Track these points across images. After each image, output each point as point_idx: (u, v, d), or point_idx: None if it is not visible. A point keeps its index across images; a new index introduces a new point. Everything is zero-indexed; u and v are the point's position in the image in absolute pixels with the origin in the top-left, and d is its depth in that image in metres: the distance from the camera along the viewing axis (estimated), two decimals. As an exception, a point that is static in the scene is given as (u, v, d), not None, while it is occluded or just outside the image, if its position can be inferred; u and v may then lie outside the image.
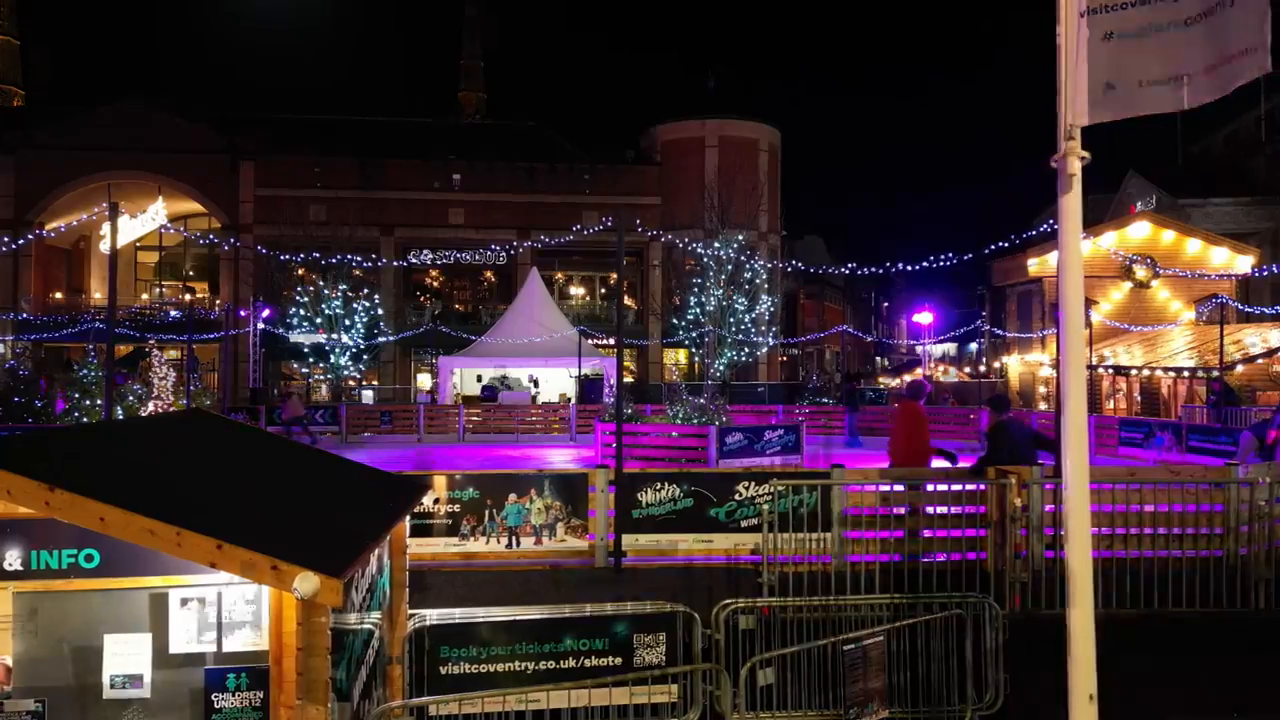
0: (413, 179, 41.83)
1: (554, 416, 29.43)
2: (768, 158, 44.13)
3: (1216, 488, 8.72)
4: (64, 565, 4.24)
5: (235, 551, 3.95)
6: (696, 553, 8.24)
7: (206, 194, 41.36)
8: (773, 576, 7.78)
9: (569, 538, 8.12)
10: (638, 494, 8.18)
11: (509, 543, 8.02)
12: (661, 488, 8.24)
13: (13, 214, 39.85)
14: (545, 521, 8.04)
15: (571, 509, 8.09)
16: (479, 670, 6.33)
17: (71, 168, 39.57)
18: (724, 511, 8.25)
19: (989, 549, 8.36)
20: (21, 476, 3.89)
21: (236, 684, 4.67)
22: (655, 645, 6.54)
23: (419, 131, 48.07)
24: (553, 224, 42.71)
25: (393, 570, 6.43)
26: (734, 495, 8.25)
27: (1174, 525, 8.53)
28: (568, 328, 30.87)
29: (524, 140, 46.27)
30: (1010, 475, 8.22)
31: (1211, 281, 30.59)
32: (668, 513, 8.21)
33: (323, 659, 4.17)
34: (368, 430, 28.27)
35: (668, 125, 43.67)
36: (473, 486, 8.03)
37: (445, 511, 7.97)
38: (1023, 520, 8.29)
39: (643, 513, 8.18)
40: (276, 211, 40.38)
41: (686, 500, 8.25)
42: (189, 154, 39.96)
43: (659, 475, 8.33)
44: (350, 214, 40.25)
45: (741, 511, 8.24)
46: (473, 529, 8.01)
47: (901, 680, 6.80)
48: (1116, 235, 30.76)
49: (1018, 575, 8.04)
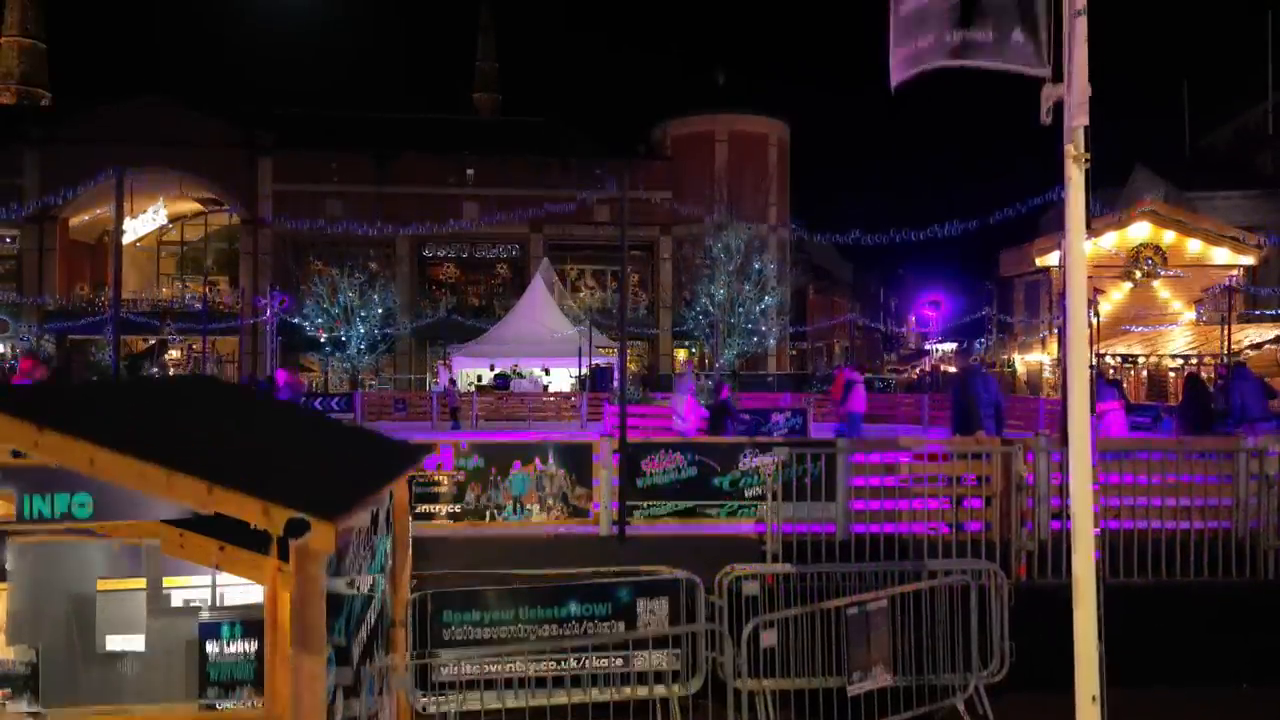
0: (427, 174, 42.04)
1: (565, 404, 29.55)
2: (777, 152, 44.18)
3: (1225, 458, 8.62)
4: (58, 515, 4.25)
5: (226, 495, 3.93)
6: (700, 521, 8.21)
7: (226, 188, 41.70)
8: (777, 545, 7.75)
9: (575, 506, 8.12)
10: (642, 463, 8.16)
11: (514, 510, 8.03)
12: (666, 456, 8.22)
13: (38, 208, 40.24)
14: (550, 490, 8.04)
15: (576, 477, 8.09)
16: (482, 635, 6.33)
17: (94, 162, 39.80)
18: (728, 481, 8.22)
19: (995, 518, 8.29)
20: (11, 417, 3.90)
21: (231, 634, 4.66)
22: (658, 611, 6.52)
23: (434, 127, 48.25)
24: (564, 218, 42.85)
25: (395, 531, 6.43)
26: (738, 464, 8.22)
27: (1182, 496, 8.44)
28: (569, 327, 30.91)
29: (536, 134, 46.34)
30: (1016, 444, 8.15)
31: (1214, 279, 30.40)
32: (672, 482, 8.20)
33: (317, 608, 4.15)
34: (382, 418, 28.45)
35: (678, 120, 43.84)
36: (478, 455, 8.04)
37: (450, 480, 7.98)
38: (1029, 490, 8.22)
39: (647, 481, 8.16)
40: (294, 206, 40.72)
41: (690, 470, 8.23)
42: (209, 149, 40.29)
43: (663, 444, 8.32)
44: (366, 209, 40.53)
45: (745, 481, 8.21)
46: (477, 497, 8.01)
47: (906, 647, 6.75)
48: (1117, 235, 30.53)
49: (1024, 544, 7.98)
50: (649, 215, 43.20)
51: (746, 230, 36.13)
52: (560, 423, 28.26)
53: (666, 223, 43.03)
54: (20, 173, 40.03)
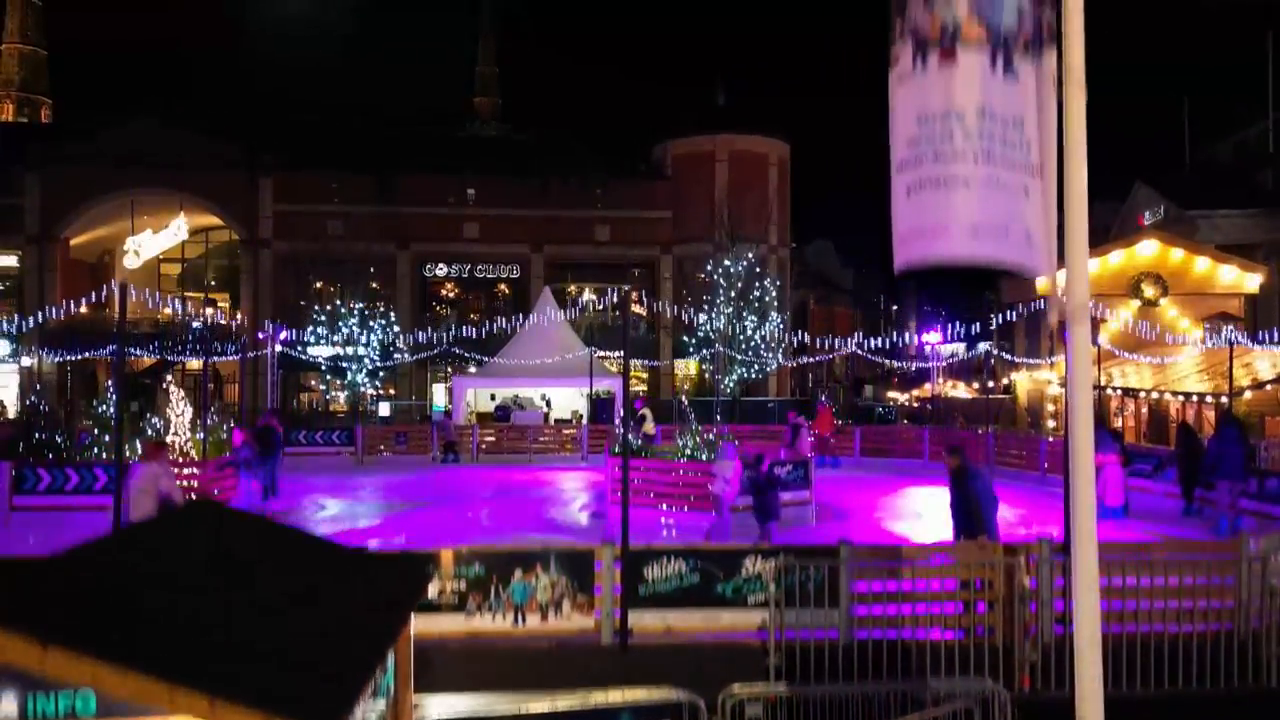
0: (429, 194, 42.10)
1: (565, 436, 29.59)
2: (777, 171, 44.22)
3: (1229, 558, 8.62)
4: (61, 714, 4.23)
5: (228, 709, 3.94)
6: (703, 629, 8.21)
7: (227, 209, 41.74)
8: (780, 656, 7.75)
9: (575, 614, 8.12)
10: (644, 569, 8.17)
11: (515, 619, 8.03)
12: (668, 563, 8.23)
13: (39, 229, 40.30)
14: (551, 598, 8.04)
15: (578, 585, 8.09)
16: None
17: (96, 183, 39.99)
18: (731, 588, 8.23)
19: (999, 623, 8.29)
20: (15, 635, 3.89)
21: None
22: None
23: (435, 143, 48.31)
24: (566, 237, 42.94)
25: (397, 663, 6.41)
26: (741, 571, 8.23)
27: (1184, 599, 8.44)
28: (580, 347, 30.92)
29: (538, 151, 46.35)
30: (1020, 552, 8.15)
31: (1220, 299, 30.43)
32: (674, 589, 8.20)
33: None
34: (384, 447, 28.45)
35: (678, 140, 43.93)
36: (479, 563, 8.04)
37: (451, 589, 7.99)
38: (1032, 596, 8.22)
39: (649, 589, 8.17)
40: (295, 226, 40.75)
41: (693, 576, 8.23)
42: (210, 170, 40.32)
43: (666, 551, 8.32)
44: (367, 228, 40.58)
45: (748, 587, 8.22)
46: (479, 606, 8.02)
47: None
48: (1125, 254, 30.64)
49: (1027, 655, 7.97)
50: (650, 235, 43.27)
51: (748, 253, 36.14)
52: (561, 455, 28.30)
53: (667, 242, 43.07)
54: (21, 193, 40.05)
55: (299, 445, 27.36)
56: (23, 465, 16.47)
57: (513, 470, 25.13)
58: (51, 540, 14.74)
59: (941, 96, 4.45)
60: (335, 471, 24.89)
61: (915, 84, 4.63)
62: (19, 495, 16.29)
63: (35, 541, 14.84)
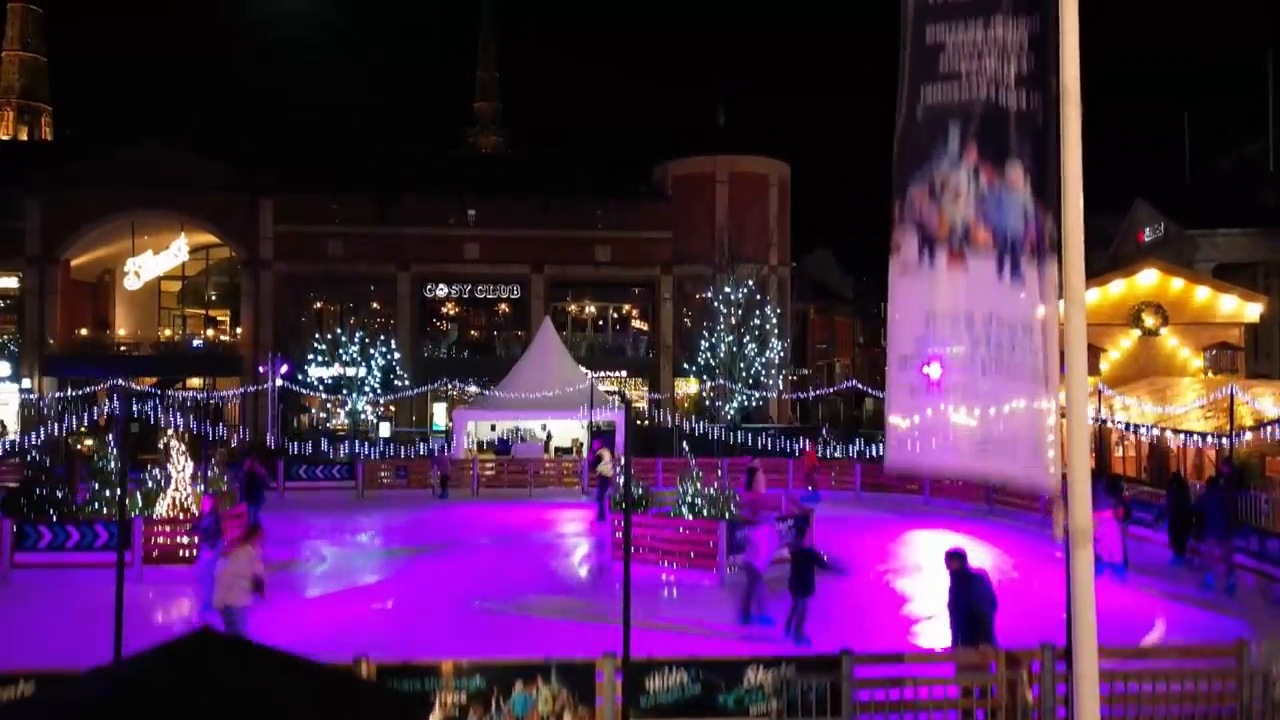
0: (429, 214, 42.10)
1: (565, 468, 29.65)
2: (778, 192, 44.24)
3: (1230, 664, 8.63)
4: None
5: None
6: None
7: (227, 230, 41.74)
8: (781, 773, 7.76)
9: (578, 727, 8.13)
10: (645, 680, 8.18)
11: (517, 733, 8.05)
12: (670, 674, 8.25)
13: (40, 250, 40.30)
14: (553, 710, 8.05)
15: (579, 696, 8.11)
16: None
17: (96, 205, 40.00)
18: (733, 698, 8.24)
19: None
20: None
21: None
22: None
23: (435, 163, 48.37)
24: (566, 258, 42.96)
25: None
26: (743, 682, 8.24)
27: (1187, 704, 8.46)
28: (580, 379, 30.89)
29: (538, 171, 46.38)
30: (1023, 665, 8.17)
31: (1220, 328, 30.40)
32: (676, 700, 8.22)
33: None
34: (384, 477, 28.46)
35: (679, 161, 44.00)
36: (480, 675, 8.06)
37: (452, 702, 8.01)
38: (1034, 706, 8.23)
39: (650, 700, 8.18)
40: (296, 247, 40.78)
41: (695, 687, 8.25)
42: (210, 191, 40.34)
43: (667, 662, 8.33)
44: (368, 249, 40.63)
45: (750, 698, 8.23)
46: (480, 719, 8.03)
47: None
48: (1125, 283, 30.62)
49: (1028, 770, 7.99)
50: (650, 255, 43.30)
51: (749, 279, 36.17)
52: (562, 488, 28.35)
53: (668, 262, 43.10)
54: (22, 215, 40.05)
55: (299, 480, 27.41)
56: (23, 522, 16.46)
57: (512, 508, 25.17)
58: (53, 602, 14.76)
59: (948, 298, 4.44)
60: (335, 509, 24.85)
61: (922, 280, 4.61)
62: (20, 552, 16.29)
63: (38, 600, 14.87)
